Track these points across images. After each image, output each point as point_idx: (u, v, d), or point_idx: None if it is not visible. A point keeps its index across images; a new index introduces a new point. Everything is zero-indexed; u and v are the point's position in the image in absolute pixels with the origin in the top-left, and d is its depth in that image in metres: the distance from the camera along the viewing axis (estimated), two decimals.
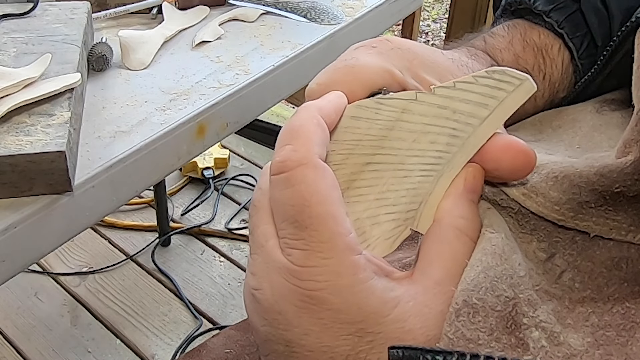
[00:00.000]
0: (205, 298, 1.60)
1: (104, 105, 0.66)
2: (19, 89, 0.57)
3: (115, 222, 1.76)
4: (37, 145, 0.51)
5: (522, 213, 0.34)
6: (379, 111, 0.35)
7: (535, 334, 0.29)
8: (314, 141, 0.32)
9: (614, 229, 0.31)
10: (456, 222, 0.32)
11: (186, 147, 0.66)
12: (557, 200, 0.32)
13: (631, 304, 0.30)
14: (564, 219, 0.32)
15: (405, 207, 0.34)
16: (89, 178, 0.57)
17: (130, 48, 0.73)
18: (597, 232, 0.32)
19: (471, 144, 0.33)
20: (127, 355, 1.47)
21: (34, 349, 1.47)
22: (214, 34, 0.79)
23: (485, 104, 0.33)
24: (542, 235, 0.33)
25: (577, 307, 0.31)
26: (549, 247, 0.33)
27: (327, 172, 0.31)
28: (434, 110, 0.34)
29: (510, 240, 0.32)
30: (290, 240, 0.31)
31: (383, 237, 0.34)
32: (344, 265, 0.30)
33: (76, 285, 1.62)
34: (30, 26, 0.69)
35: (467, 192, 0.33)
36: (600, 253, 0.31)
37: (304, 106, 0.34)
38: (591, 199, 0.32)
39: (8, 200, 0.53)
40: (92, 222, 0.59)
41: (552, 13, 0.47)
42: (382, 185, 0.35)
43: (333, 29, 0.83)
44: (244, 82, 0.71)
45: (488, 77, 0.33)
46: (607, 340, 0.29)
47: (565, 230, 0.32)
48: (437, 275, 0.31)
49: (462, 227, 0.32)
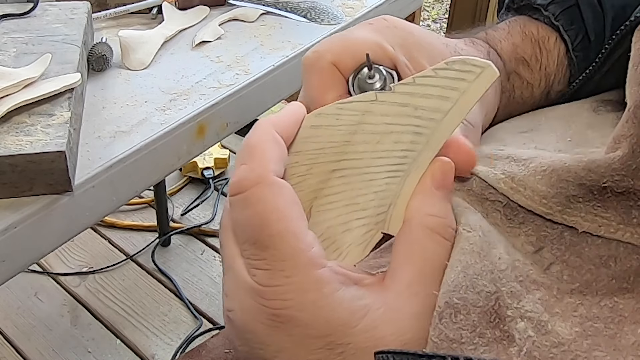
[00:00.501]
0: (205, 298, 1.60)
1: (104, 105, 0.66)
2: (19, 89, 0.57)
3: (116, 222, 1.76)
4: (37, 145, 0.51)
5: (510, 207, 0.34)
6: (340, 116, 0.35)
7: (521, 324, 0.28)
8: (270, 158, 0.32)
9: (602, 225, 0.31)
10: (425, 220, 0.32)
11: (186, 147, 0.66)
12: (545, 193, 0.32)
13: (619, 299, 0.30)
14: (552, 212, 0.32)
15: (375, 211, 0.33)
16: (89, 178, 0.57)
17: (130, 48, 0.73)
18: (586, 228, 0.31)
19: (436, 139, 0.32)
20: (127, 355, 1.47)
21: (34, 349, 1.47)
22: (214, 34, 0.79)
23: (447, 96, 0.32)
24: (530, 229, 0.33)
25: (565, 298, 0.30)
26: (537, 241, 0.33)
27: (285, 189, 0.31)
28: (395, 109, 0.33)
29: (488, 236, 0.32)
30: (253, 260, 0.31)
31: (355, 243, 0.34)
32: (307, 281, 0.30)
33: (76, 285, 1.62)
34: (30, 26, 0.69)
35: (435, 189, 0.32)
36: (589, 250, 0.31)
37: (259, 123, 0.34)
38: (579, 194, 0.32)
39: (8, 200, 0.53)
40: (92, 222, 0.59)
41: (550, 6, 0.49)
42: (351, 191, 0.34)
43: (333, 29, 0.83)
44: (244, 82, 0.71)
45: (448, 69, 0.32)
46: (595, 331, 0.28)
47: (553, 225, 0.32)
48: (407, 277, 0.30)
49: (431, 225, 0.31)
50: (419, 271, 0.30)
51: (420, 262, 0.31)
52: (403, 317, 0.29)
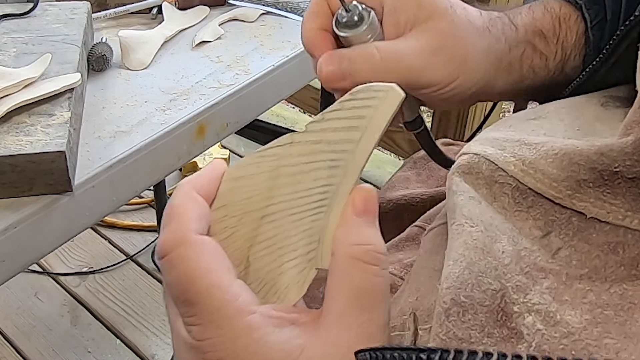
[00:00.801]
0: None
1: (104, 105, 0.66)
2: (19, 89, 0.57)
3: (116, 222, 1.76)
4: (37, 146, 0.51)
5: (519, 190, 0.34)
6: (260, 164, 0.36)
7: (529, 319, 0.28)
8: (190, 218, 0.33)
9: (611, 212, 0.31)
10: (349, 250, 0.32)
11: (186, 147, 0.66)
12: (556, 177, 0.32)
13: (629, 286, 0.30)
14: (561, 196, 0.32)
15: (305, 249, 0.34)
16: (89, 178, 0.57)
17: (130, 48, 0.73)
18: (594, 214, 0.31)
19: (353, 169, 0.33)
20: (127, 355, 1.47)
21: (34, 349, 1.47)
22: (214, 34, 0.79)
23: (355, 126, 0.33)
24: (538, 213, 0.33)
25: (574, 284, 0.30)
26: (545, 226, 0.32)
27: (206, 245, 0.32)
28: (310, 148, 0.34)
29: (490, 230, 0.32)
30: (186, 317, 0.32)
31: (292, 283, 0.34)
32: (237, 329, 0.30)
33: (76, 285, 1.62)
34: (30, 26, 0.69)
35: (357, 217, 0.32)
36: (597, 236, 0.31)
37: (179, 185, 0.36)
38: (590, 178, 0.31)
39: (8, 200, 0.53)
40: (92, 222, 0.59)
41: None
42: (282, 234, 0.35)
43: None
44: (244, 82, 0.71)
45: (353, 99, 0.33)
46: (605, 318, 0.28)
47: (562, 210, 0.32)
48: (338, 309, 0.31)
49: (356, 254, 0.31)
50: (348, 301, 0.31)
51: (349, 291, 0.31)
52: (338, 351, 0.30)
